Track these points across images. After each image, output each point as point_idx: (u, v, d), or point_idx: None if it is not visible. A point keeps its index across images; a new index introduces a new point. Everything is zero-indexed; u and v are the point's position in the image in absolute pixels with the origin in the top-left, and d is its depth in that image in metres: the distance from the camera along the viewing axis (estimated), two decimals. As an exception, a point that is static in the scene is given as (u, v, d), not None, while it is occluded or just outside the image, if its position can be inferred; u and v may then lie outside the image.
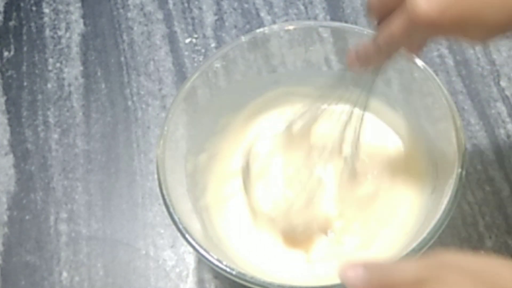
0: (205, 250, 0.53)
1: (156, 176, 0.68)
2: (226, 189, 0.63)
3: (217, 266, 0.53)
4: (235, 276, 0.52)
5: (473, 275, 0.37)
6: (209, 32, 0.77)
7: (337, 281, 0.46)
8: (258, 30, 0.64)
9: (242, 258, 0.58)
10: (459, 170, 0.54)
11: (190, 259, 0.65)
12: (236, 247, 0.60)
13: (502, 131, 0.69)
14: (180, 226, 0.54)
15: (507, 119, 0.69)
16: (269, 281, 0.52)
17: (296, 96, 0.65)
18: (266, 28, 0.64)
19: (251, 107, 0.66)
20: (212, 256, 0.53)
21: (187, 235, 0.54)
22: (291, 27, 0.63)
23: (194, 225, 0.57)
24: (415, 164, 0.62)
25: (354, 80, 0.56)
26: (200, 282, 0.64)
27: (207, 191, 0.63)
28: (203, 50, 0.76)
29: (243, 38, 0.63)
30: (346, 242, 0.59)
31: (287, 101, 0.65)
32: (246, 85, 0.65)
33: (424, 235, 0.52)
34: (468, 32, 0.48)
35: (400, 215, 0.60)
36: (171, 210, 0.55)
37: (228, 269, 0.53)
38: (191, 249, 0.65)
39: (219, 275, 0.64)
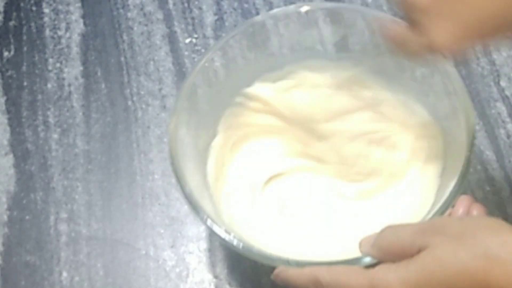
0: (213, 220, 0.53)
1: (156, 176, 0.69)
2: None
3: (224, 239, 0.53)
4: (242, 249, 0.52)
5: (455, 238, 0.42)
6: (209, 32, 0.77)
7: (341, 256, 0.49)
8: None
9: (248, 234, 0.58)
10: (468, 153, 0.54)
11: (190, 259, 0.65)
12: (242, 223, 0.59)
13: (502, 131, 0.69)
14: (191, 199, 0.54)
15: (507, 119, 0.69)
16: (276, 255, 0.51)
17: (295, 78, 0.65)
18: (264, 13, 0.64)
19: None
20: (219, 228, 0.53)
21: (197, 208, 0.54)
22: (287, 12, 0.63)
23: (203, 200, 0.57)
24: (427, 146, 0.62)
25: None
26: (200, 282, 0.64)
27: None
28: (203, 50, 0.76)
29: (254, 18, 0.63)
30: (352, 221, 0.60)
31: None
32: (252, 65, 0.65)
33: (430, 215, 0.53)
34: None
35: (408, 197, 0.60)
36: (182, 183, 0.55)
37: (235, 242, 0.52)
38: (191, 249, 0.65)
39: (219, 274, 0.64)
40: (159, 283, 0.64)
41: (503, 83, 0.72)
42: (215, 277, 0.64)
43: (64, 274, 0.65)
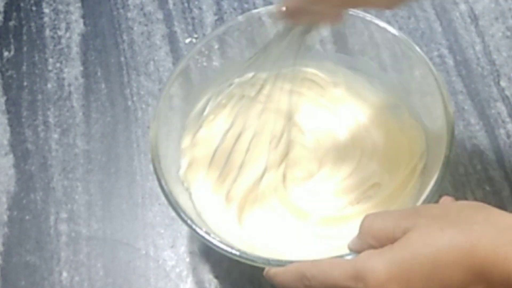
0: (193, 222, 0.53)
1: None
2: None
3: (205, 238, 0.53)
4: (223, 250, 0.52)
5: (440, 218, 0.43)
6: (209, 32, 0.77)
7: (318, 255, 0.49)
8: (254, 11, 0.64)
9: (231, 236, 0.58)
10: (447, 152, 0.54)
11: (190, 259, 0.65)
12: (222, 222, 0.59)
13: (502, 131, 0.69)
14: (171, 199, 0.54)
15: (507, 119, 0.69)
16: (256, 254, 0.52)
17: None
18: (261, 9, 0.63)
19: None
20: (200, 229, 0.53)
21: (176, 207, 0.54)
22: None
23: (185, 200, 0.57)
24: (409, 145, 0.62)
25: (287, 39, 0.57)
26: (200, 282, 0.64)
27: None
28: (203, 50, 0.75)
29: (240, 18, 0.63)
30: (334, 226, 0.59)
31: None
32: (239, 64, 0.64)
33: None
34: None
35: (390, 197, 0.60)
36: (162, 182, 0.55)
37: (215, 242, 0.52)
38: (191, 249, 0.65)
39: (219, 274, 0.64)
40: (159, 283, 0.64)
41: (503, 83, 0.72)
42: (215, 277, 0.64)
43: (64, 274, 0.65)
